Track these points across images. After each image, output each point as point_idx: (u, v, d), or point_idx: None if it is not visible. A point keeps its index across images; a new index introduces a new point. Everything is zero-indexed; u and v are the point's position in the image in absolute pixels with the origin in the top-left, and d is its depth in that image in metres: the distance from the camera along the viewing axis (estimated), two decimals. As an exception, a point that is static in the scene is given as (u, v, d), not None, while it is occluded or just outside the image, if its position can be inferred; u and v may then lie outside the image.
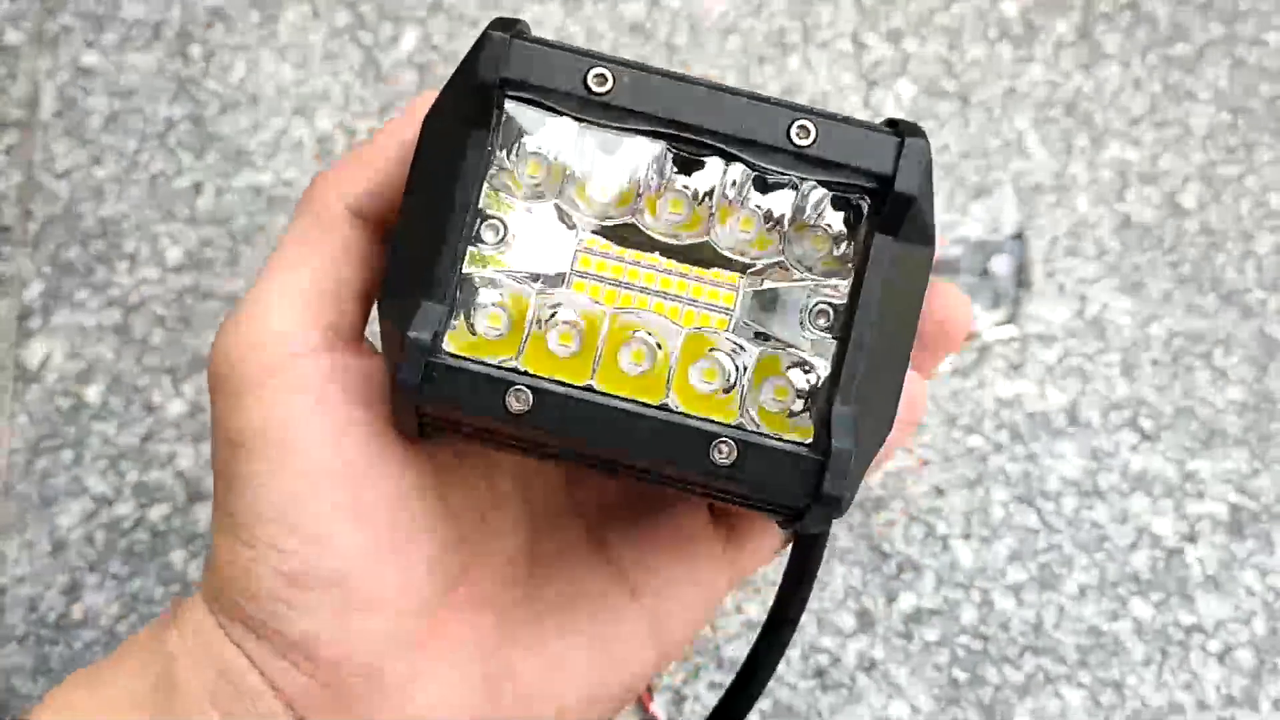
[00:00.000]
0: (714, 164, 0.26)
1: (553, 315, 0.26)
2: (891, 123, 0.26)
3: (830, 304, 0.26)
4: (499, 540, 0.30)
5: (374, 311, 0.28)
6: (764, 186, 0.26)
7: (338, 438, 0.26)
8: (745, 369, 0.26)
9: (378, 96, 0.55)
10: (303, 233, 0.28)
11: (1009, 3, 0.55)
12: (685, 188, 0.26)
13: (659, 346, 0.26)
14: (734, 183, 0.26)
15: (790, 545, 0.30)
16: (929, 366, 0.30)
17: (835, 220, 0.26)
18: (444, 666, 0.27)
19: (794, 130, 0.25)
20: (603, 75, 0.25)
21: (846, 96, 0.54)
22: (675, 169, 0.26)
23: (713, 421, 0.25)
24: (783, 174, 0.26)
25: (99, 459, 0.48)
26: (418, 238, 0.25)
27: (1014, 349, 0.49)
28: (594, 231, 0.26)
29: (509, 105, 0.25)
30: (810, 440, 0.25)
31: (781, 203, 0.26)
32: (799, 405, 0.26)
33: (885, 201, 0.25)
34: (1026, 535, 0.45)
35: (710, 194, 0.26)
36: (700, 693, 0.44)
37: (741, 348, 0.26)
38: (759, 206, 0.26)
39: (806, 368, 0.26)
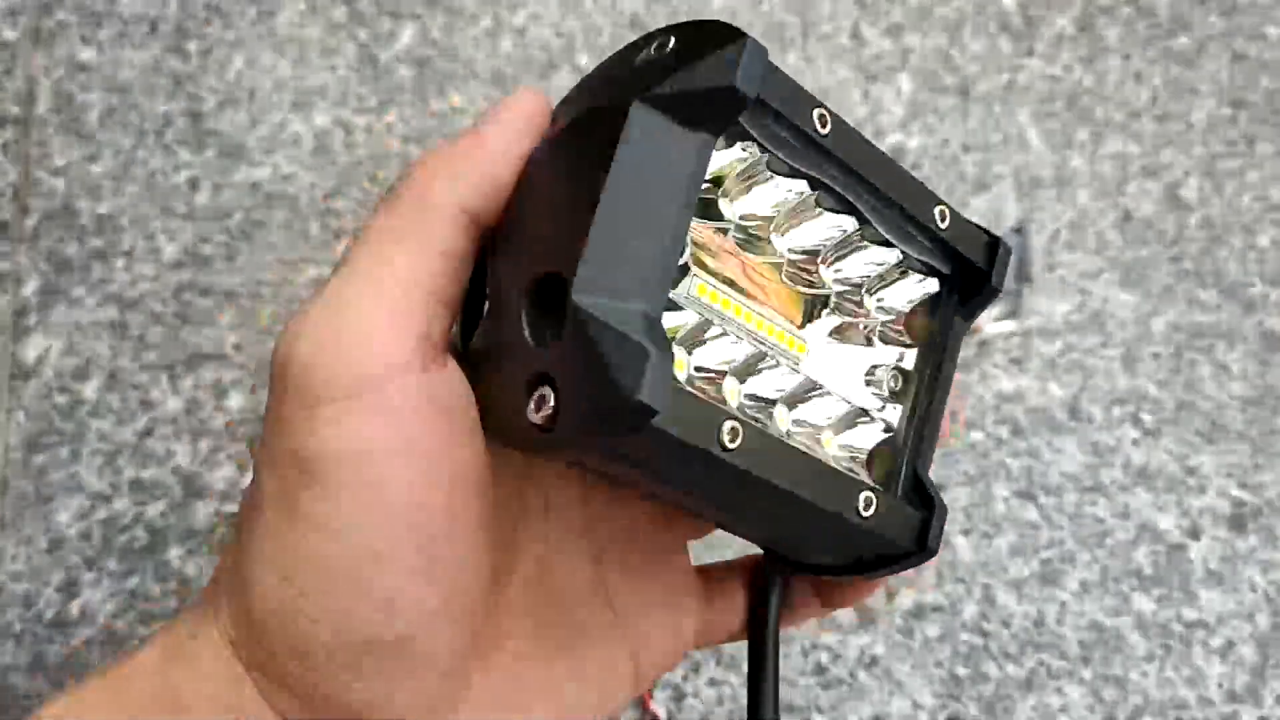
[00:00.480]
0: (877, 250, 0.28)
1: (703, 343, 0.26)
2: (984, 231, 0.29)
3: (903, 370, 0.28)
4: (520, 563, 0.28)
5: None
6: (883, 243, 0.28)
7: (427, 485, 0.23)
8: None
9: (375, 92, 0.55)
10: (402, 225, 0.24)
11: (1009, -4, 0.55)
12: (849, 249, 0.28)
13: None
14: (884, 262, 0.28)
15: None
16: None
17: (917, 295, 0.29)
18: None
19: (936, 213, 0.27)
20: (824, 117, 0.25)
21: (846, 91, 0.54)
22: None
23: (856, 475, 0.26)
24: (918, 258, 0.28)
25: (96, 455, 0.48)
26: (620, 239, 0.22)
27: (1015, 344, 0.48)
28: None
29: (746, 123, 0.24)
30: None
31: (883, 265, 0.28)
32: (863, 457, 0.28)
33: (976, 291, 0.28)
34: (1028, 531, 0.45)
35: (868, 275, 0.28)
36: (700, 688, 0.43)
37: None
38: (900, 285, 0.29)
39: (868, 421, 0.28)
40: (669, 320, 0.25)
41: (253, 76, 0.56)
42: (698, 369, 0.25)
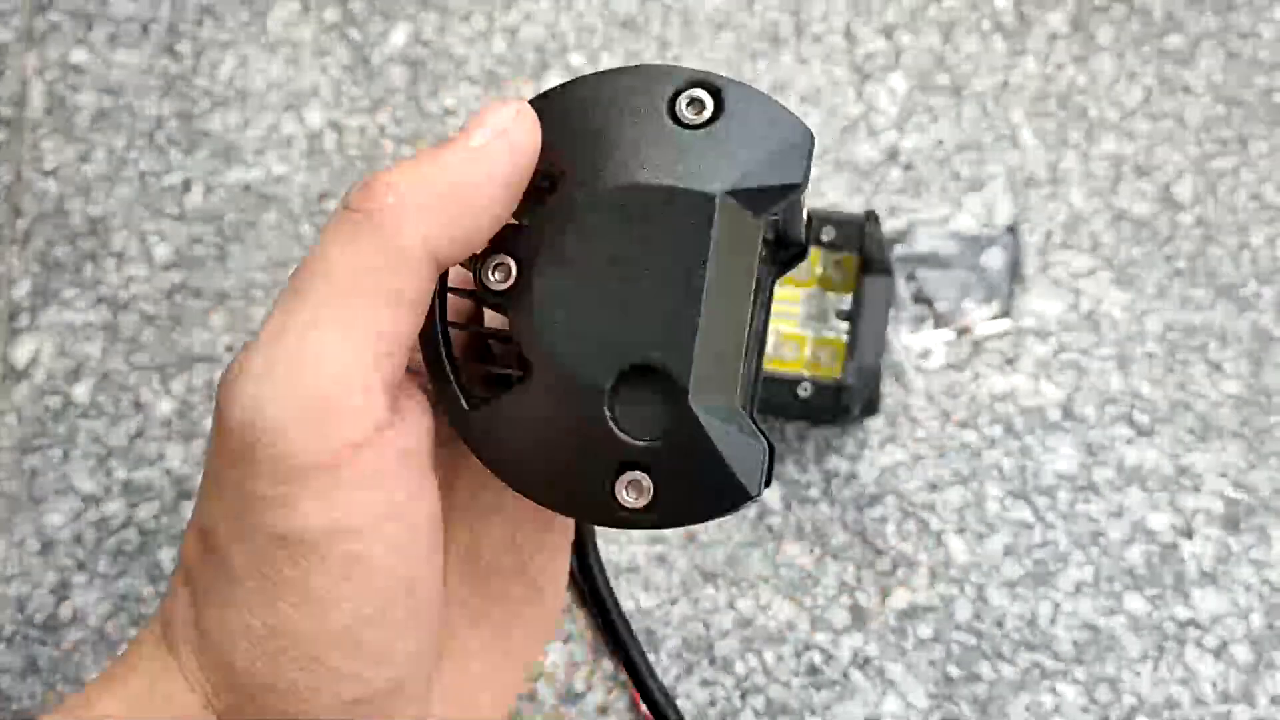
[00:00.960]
0: None
1: None
2: None
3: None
4: (452, 555, 0.27)
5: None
6: None
7: (408, 542, 0.23)
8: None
9: (368, 93, 0.55)
10: (372, 269, 0.22)
11: (1002, -4, 0.55)
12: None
13: None
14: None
15: None
16: None
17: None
18: None
19: None
20: None
21: (839, 90, 0.54)
22: None
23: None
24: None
25: (88, 457, 0.47)
26: (712, 333, 0.23)
27: (1008, 343, 0.48)
28: None
29: None
30: None
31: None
32: None
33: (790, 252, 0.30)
34: (1021, 530, 0.45)
35: None
36: (693, 691, 0.43)
37: None
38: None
39: None
40: None
41: (245, 77, 0.56)
42: None
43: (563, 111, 0.25)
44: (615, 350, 0.23)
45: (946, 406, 0.47)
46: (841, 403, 0.44)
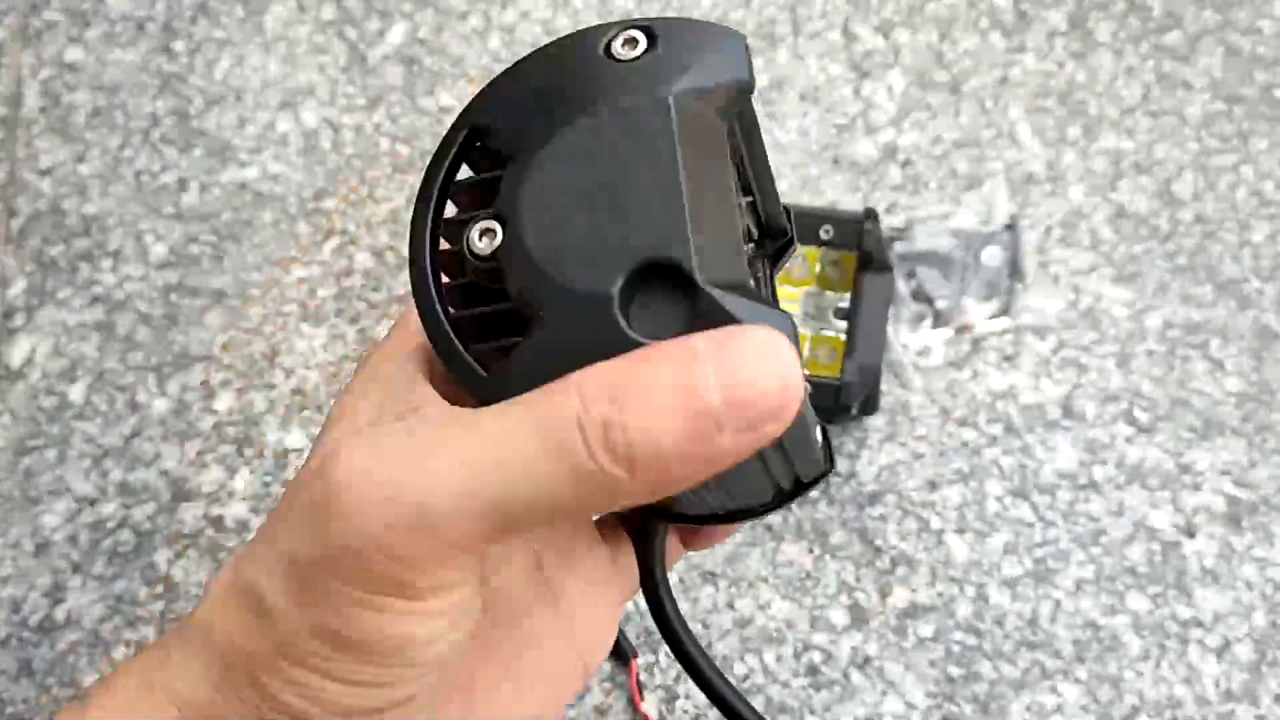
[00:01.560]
0: None
1: None
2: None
3: None
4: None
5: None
6: None
7: (463, 639, 0.24)
8: None
9: (364, 91, 0.55)
10: (549, 490, 0.20)
11: (1001, -8, 0.55)
12: None
13: None
14: None
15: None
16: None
17: None
18: None
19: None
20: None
21: (837, 88, 0.54)
22: None
23: None
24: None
25: (83, 458, 0.47)
26: (703, 218, 0.23)
27: (1008, 341, 0.48)
28: None
29: None
30: None
31: None
32: None
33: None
34: (1021, 529, 0.45)
35: None
36: (692, 691, 0.43)
37: None
38: None
39: None
40: None
41: (241, 76, 0.55)
42: None
43: (513, 88, 0.25)
44: (614, 259, 0.22)
45: (946, 405, 0.47)
46: (841, 401, 0.44)
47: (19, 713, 0.43)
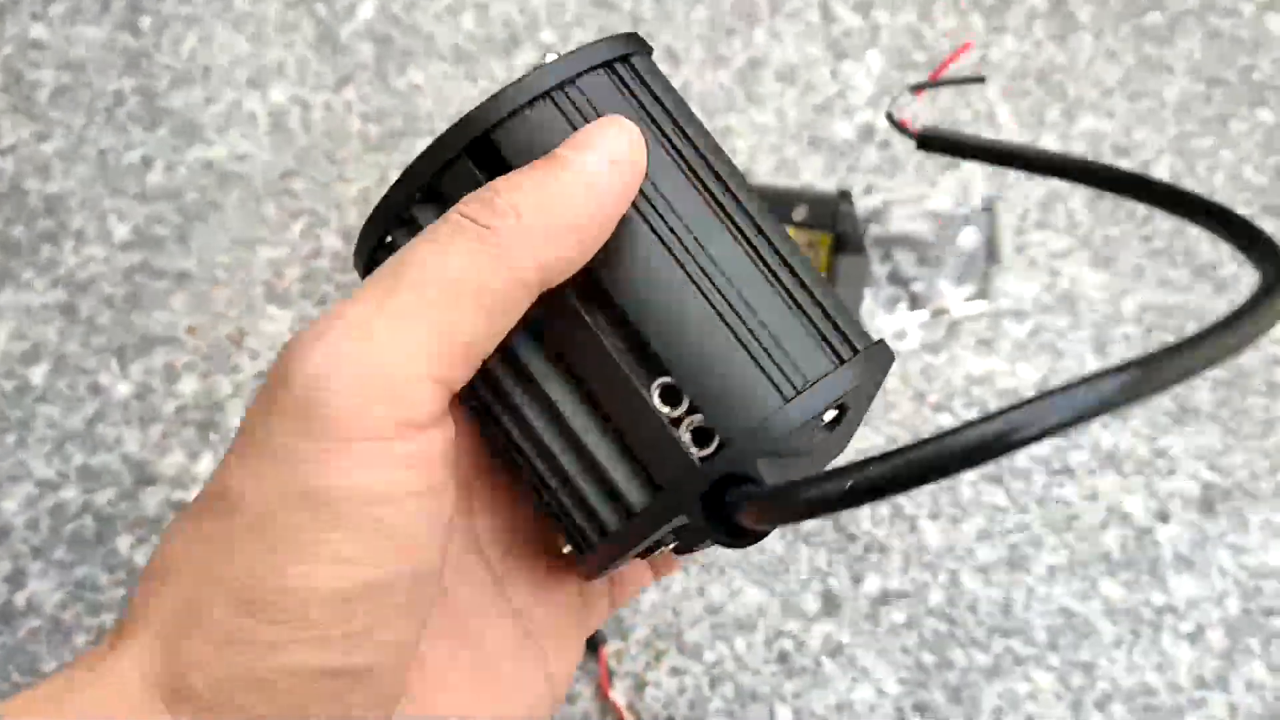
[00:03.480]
0: None
1: None
2: None
3: None
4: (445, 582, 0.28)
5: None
6: None
7: (428, 532, 0.23)
8: None
9: (334, 69, 0.54)
10: (479, 280, 0.22)
11: (980, -28, 0.54)
12: None
13: None
14: None
15: None
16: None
17: None
18: None
19: None
20: None
21: (815, 68, 0.53)
22: None
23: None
24: None
25: (44, 442, 0.46)
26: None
27: (984, 324, 0.48)
28: None
29: None
30: None
31: None
32: None
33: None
34: (995, 514, 0.44)
35: None
36: (661, 679, 0.42)
37: None
38: None
39: None
40: None
41: (208, 53, 0.54)
42: None
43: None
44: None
45: (921, 389, 0.47)
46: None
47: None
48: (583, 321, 0.24)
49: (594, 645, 0.42)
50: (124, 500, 0.45)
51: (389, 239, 0.26)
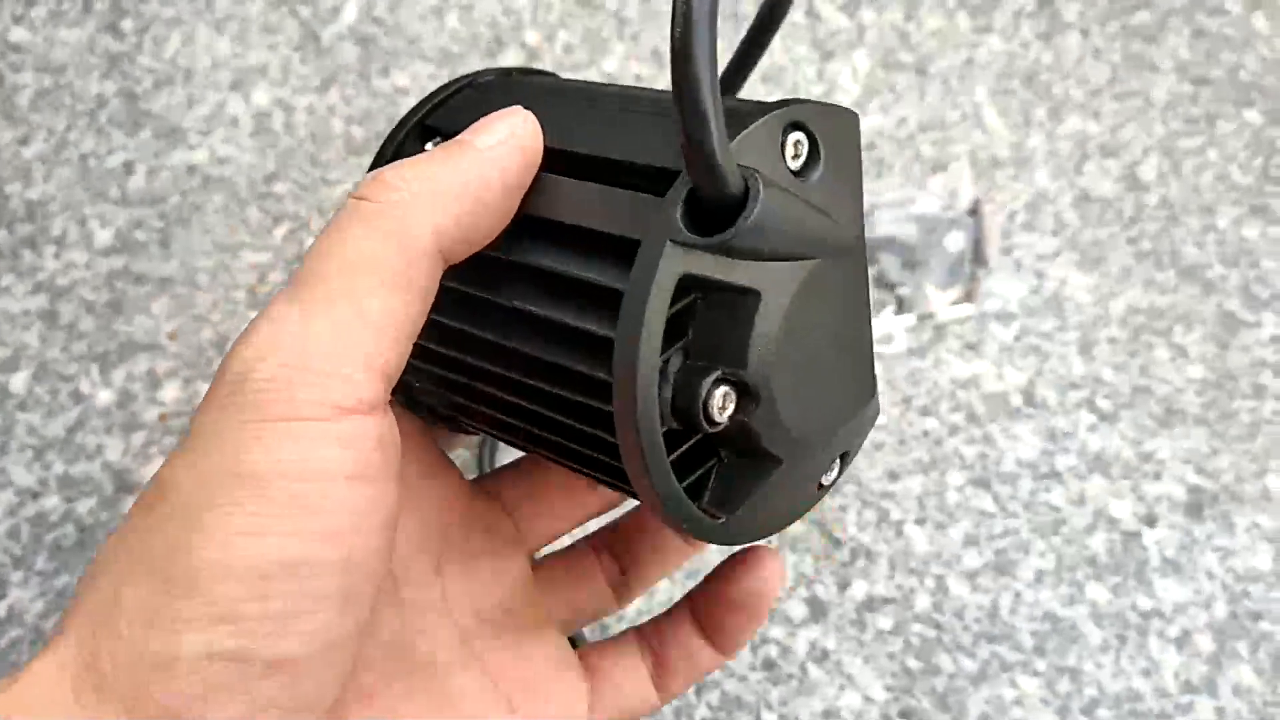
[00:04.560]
0: None
1: None
2: None
3: None
4: (378, 632, 0.28)
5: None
6: None
7: (359, 517, 0.22)
8: None
9: (317, 71, 0.53)
10: (384, 257, 0.23)
11: (967, -29, 0.54)
12: None
13: None
14: None
15: None
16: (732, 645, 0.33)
17: None
18: None
19: None
20: None
21: (801, 69, 0.52)
22: None
23: None
24: None
25: (24, 450, 0.46)
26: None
27: (970, 328, 0.47)
28: None
29: None
30: None
31: None
32: None
33: None
34: (982, 519, 0.44)
35: None
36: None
37: None
38: None
39: None
40: None
41: (190, 55, 0.54)
42: None
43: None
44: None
45: (908, 393, 0.46)
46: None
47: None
48: (512, 261, 0.25)
49: (576, 646, 0.42)
50: (105, 509, 0.45)
51: None
